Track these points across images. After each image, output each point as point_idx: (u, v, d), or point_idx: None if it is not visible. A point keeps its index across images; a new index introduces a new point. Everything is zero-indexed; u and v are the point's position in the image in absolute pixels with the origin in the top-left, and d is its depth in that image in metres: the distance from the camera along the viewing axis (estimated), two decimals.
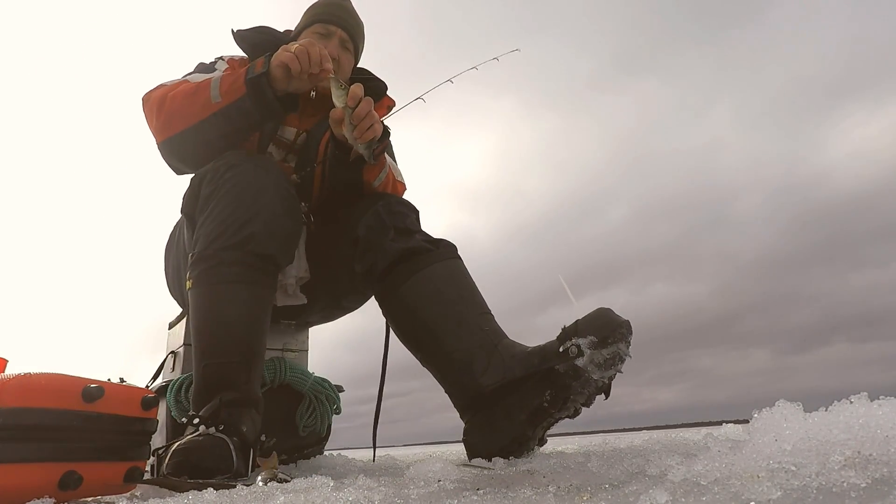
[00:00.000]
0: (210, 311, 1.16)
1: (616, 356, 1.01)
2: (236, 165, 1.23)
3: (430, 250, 1.27)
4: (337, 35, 1.48)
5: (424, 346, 1.25)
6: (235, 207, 1.19)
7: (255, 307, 1.19)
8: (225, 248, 1.17)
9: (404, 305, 1.26)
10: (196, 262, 1.19)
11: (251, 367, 1.15)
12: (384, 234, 1.29)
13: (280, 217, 1.23)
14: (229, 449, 1.00)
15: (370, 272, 1.30)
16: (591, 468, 0.82)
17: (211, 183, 1.23)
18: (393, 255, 1.26)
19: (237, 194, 1.20)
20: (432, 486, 0.76)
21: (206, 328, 1.15)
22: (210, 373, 1.12)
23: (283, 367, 1.48)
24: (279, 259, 1.25)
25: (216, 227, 1.19)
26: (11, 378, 0.79)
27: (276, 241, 1.22)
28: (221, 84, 1.26)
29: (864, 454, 0.53)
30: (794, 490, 0.48)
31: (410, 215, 1.36)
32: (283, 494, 0.72)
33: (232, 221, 1.19)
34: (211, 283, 1.17)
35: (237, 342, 1.14)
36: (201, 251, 1.19)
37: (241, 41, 1.49)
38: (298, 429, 1.52)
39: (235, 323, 1.15)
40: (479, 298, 1.26)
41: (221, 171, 1.23)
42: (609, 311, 1.05)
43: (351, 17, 1.54)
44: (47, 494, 0.77)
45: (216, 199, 1.21)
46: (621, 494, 0.58)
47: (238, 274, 1.17)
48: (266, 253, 1.20)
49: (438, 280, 1.24)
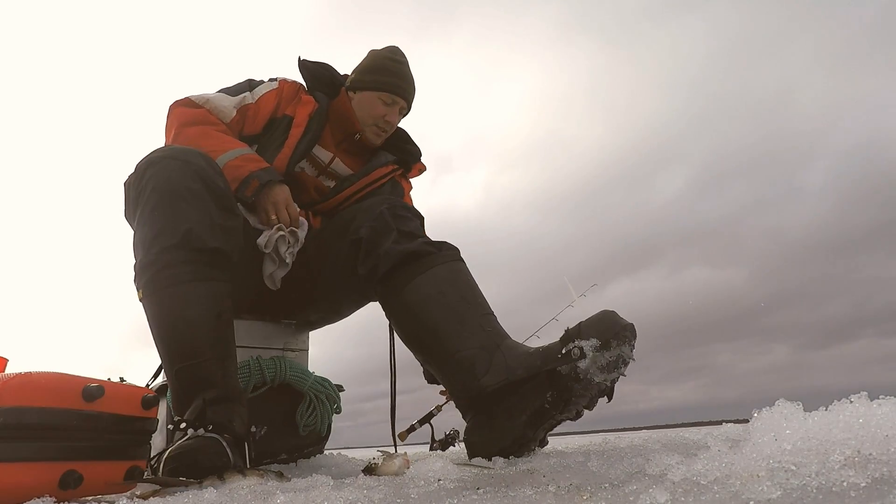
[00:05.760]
0: (170, 315, 1.13)
1: (619, 359, 1.01)
2: (155, 162, 1.19)
3: (432, 253, 1.27)
4: (398, 106, 1.60)
5: (427, 347, 1.24)
6: (164, 205, 1.16)
7: (216, 302, 1.17)
8: (166, 249, 1.14)
9: (407, 307, 1.25)
10: (142, 270, 1.15)
11: (225, 362, 1.14)
12: (387, 236, 1.29)
13: (212, 207, 1.20)
14: (223, 446, 1.00)
15: (372, 274, 1.30)
16: (591, 467, 0.82)
17: (136, 185, 1.20)
18: (395, 257, 1.25)
19: (162, 192, 1.16)
20: (432, 486, 0.76)
21: (170, 333, 1.13)
22: (185, 376, 1.11)
23: (284, 366, 1.48)
24: (226, 250, 1.21)
25: (150, 230, 1.15)
26: (12, 377, 0.79)
27: (216, 232, 1.19)
28: (230, 161, 1.34)
29: (864, 453, 0.53)
30: (793, 489, 0.48)
31: (414, 220, 1.36)
32: (283, 493, 0.72)
33: (165, 221, 1.15)
34: (164, 288, 1.14)
35: (206, 340, 1.12)
36: (143, 258, 1.15)
37: (303, 69, 1.62)
38: (299, 428, 1.53)
39: (199, 322, 1.13)
40: (482, 300, 1.26)
41: (142, 169, 1.20)
42: (613, 314, 1.05)
43: (412, 87, 1.62)
44: (48, 493, 0.78)
45: (143, 201, 1.18)
46: (621, 494, 0.58)
47: (189, 273, 1.14)
48: (210, 246, 1.17)
49: (441, 281, 1.24)
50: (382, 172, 1.60)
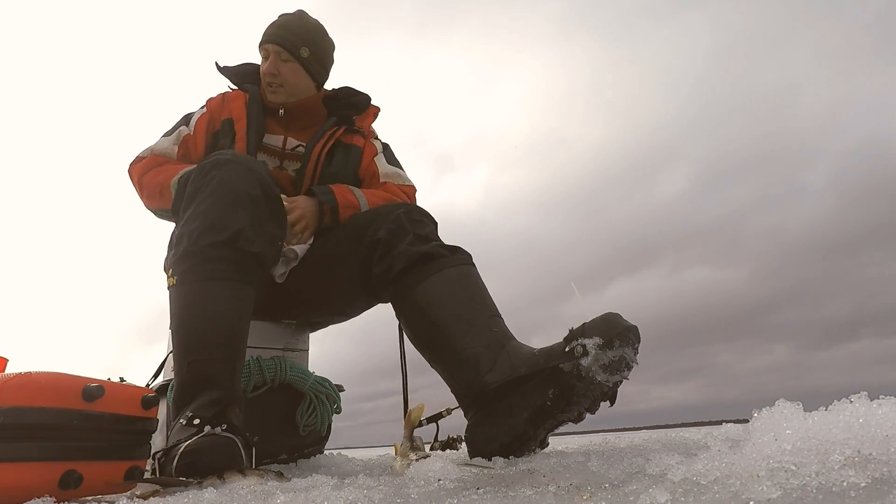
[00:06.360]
0: (197, 307, 1.16)
1: (622, 360, 1.01)
2: (222, 164, 1.25)
3: (445, 255, 1.30)
4: (271, 52, 1.62)
5: (434, 346, 1.26)
6: (222, 204, 1.20)
7: (242, 305, 1.20)
8: (212, 244, 1.17)
9: (416, 306, 1.28)
10: (181, 259, 1.19)
11: (235, 365, 1.15)
12: (403, 238, 1.33)
13: (265, 215, 1.26)
14: (238, 448, 1.01)
15: (387, 273, 1.33)
16: (591, 467, 0.82)
17: (196, 181, 1.25)
18: (410, 257, 1.29)
19: (223, 192, 1.21)
20: (432, 486, 0.76)
21: (192, 324, 1.16)
22: (195, 370, 1.12)
23: (284, 366, 1.48)
24: (266, 257, 1.26)
25: (201, 223, 1.19)
26: (12, 377, 0.79)
27: (262, 238, 1.24)
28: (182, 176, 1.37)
29: (864, 453, 0.53)
30: (793, 489, 0.48)
31: (430, 225, 1.41)
32: (283, 493, 0.72)
33: (219, 218, 1.19)
34: (199, 280, 1.17)
35: (224, 339, 1.15)
36: (187, 247, 1.19)
37: (224, 72, 1.71)
38: (299, 428, 1.53)
39: (223, 319, 1.16)
40: (490, 301, 1.28)
41: (207, 168, 1.26)
42: (617, 316, 1.06)
43: (284, 30, 1.62)
44: (48, 493, 0.78)
45: (201, 196, 1.23)
46: (621, 494, 0.58)
47: (227, 271, 1.18)
48: (254, 250, 1.21)
49: (451, 282, 1.27)
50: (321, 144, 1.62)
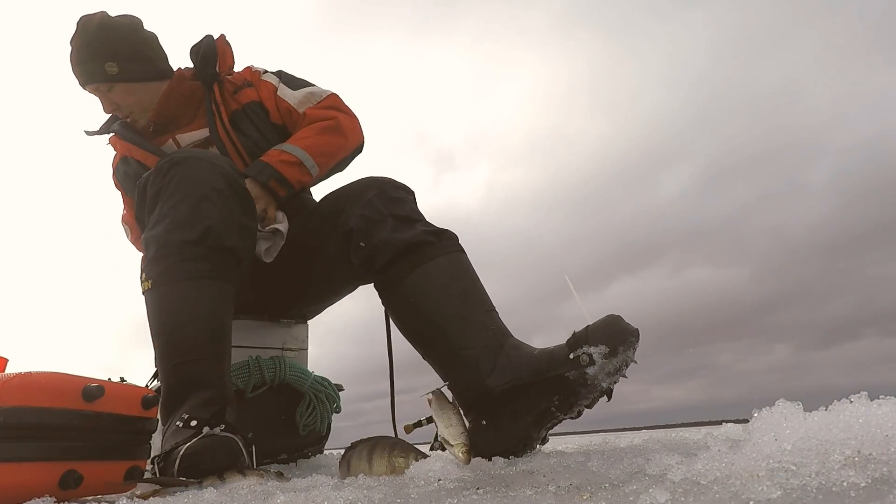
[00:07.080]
0: (177, 308, 1.13)
1: (625, 364, 1.01)
2: (179, 161, 1.20)
3: (432, 243, 1.23)
4: (94, 93, 1.51)
5: (428, 342, 1.23)
6: (188, 202, 1.16)
7: (223, 302, 1.17)
8: (184, 243, 1.14)
9: (407, 300, 1.23)
10: (154, 261, 1.16)
11: (223, 364, 1.13)
12: (381, 224, 1.25)
13: (233, 207, 1.21)
14: (239, 447, 1.00)
15: (368, 264, 1.27)
16: (591, 467, 0.82)
17: (156, 182, 1.21)
18: (394, 247, 1.22)
19: (186, 189, 1.17)
20: (432, 486, 0.76)
21: (173, 327, 1.13)
22: (183, 372, 1.10)
23: (283, 366, 1.48)
24: (240, 250, 1.22)
25: (170, 223, 1.16)
26: (12, 377, 0.79)
27: (234, 232, 1.20)
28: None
29: (864, 453, 0.53)
30: (793, 489, 0.48)
31: (408, 199, 1.32)
32: (283, 493, 0.72)
33: (186, 216, 1.15)
34: (175, 281, 1.14)
35: (209, 338, 1.12)
36: (158, 249, 1.15)
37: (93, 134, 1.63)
38: (298, 428, 1.53)
39: (204, 319, 1.13)
40: (484, 295, 1.24)
41: (165, 168, 1.21)
42: (620, 319, 1.03)
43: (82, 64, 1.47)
44: (48, 493, 0.78)
45: (164, 196, 1.18)
46: (621, 494, 0.58)
47: (202, 269, 1.14)
48: (227, 245, 1.18)
49: (443, 275, 1.21)
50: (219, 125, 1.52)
